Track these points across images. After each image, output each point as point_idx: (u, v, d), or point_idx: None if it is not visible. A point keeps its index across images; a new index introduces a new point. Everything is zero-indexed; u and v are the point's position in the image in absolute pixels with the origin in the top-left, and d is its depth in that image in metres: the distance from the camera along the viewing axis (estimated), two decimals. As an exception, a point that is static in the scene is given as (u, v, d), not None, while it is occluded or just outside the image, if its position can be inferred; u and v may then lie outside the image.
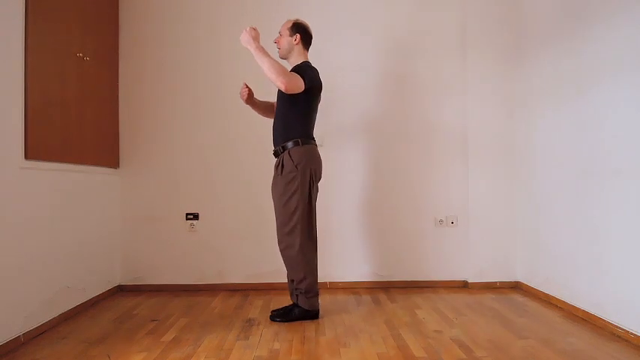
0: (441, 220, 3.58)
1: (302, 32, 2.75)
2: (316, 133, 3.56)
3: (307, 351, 2.21)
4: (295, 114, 2.67)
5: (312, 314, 2.69)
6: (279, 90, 2.70)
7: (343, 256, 3.56)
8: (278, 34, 2.80)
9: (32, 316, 2.42)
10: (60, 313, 2.68)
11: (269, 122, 3.55)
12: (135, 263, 3.53)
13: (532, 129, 3.27)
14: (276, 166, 2.72)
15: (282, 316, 2.68)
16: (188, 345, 2.29)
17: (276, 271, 3.53)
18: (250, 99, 2.89)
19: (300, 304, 2.67)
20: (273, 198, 2.74)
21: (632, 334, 2.28)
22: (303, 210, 2.63)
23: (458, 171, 3.59)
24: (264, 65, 2.51)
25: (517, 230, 3.48)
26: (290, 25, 2.75)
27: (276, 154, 2.74)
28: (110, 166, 3.39)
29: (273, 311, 2.75)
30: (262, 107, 2.97)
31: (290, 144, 2.65)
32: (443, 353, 2.15)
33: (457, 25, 3.61)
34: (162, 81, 3.58)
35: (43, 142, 2.53)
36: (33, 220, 2.45)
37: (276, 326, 2.59)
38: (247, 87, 2.88)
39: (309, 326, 2.59)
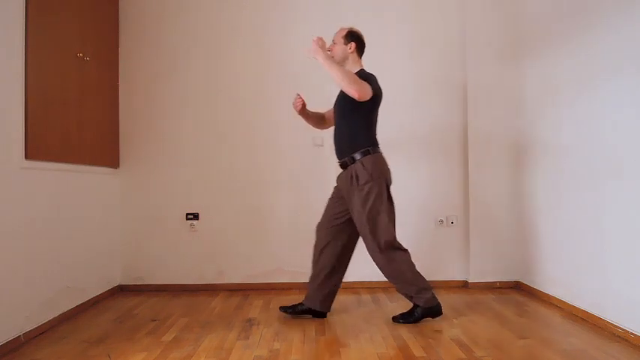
0: (441, 220, 3.58)
1: (357, 40, 2.69)
2: (315, 133, 3.58)
3: (307, 351, 2.21)
4: (361, 123, 2.62)
5: (434, 310, 2.62)
6: (338, 100, 2.70)
7: (343, 256, 3.55)
8: (332, 42, 2.73)
9: (33, 316, 2.42)
10: (60, 313, 2.68)
11: (268, 123, 3.58)
12: (135, 263, 3.53)
13: (532, 129, 3.27)
14: (349, 178, 2.61)
15: (404, 317, 2.64)
16: (188, 345, 2.29)
17: (276, 271, 3.54)
18: (303, 110, 2.85)
19: (420, 304, 2.62)
20: (351, 211, 2.64)
21: (632, 334, 2.28)
22: (388, 217, 2.58)
23: (458, 171, 3.59)
24: (336, 74, 2.45)
25: (517, 230, 3.48)
26: (345, 33, 2.69)
27: (344, 165, 2.67)
28: (110, 166, 3.39)
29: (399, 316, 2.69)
30: (314, 118, 2.92)
31: (359, 154, 2.59)
32: (443, 353, 2.15)
33: (457, 26, 3.61)
34: (163, 81, 3.58)
35: (44, 142, 2.53)
36: (33, 220, 2.45)
37: (277, 326, 2.59)
38: (301, 98, 2.82)
39: (309, 326, 2.59)
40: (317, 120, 2.94)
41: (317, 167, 3.58)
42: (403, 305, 2.99)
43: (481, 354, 2.14)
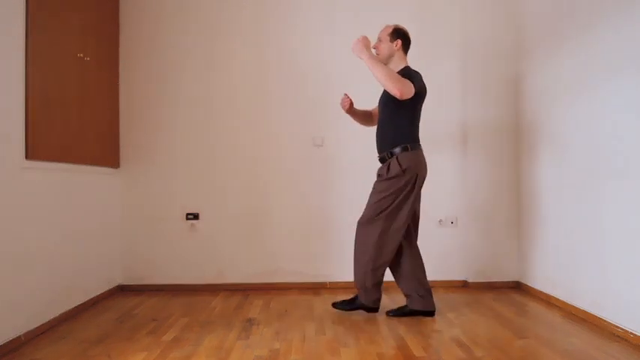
0: (440, 220, 3.58)
1: (402, 38, 2.73)
2: (316, 132, 3.59)
3: (307, 350, 2.21)
4: (403, 119, 2.67)
5: (369, 308, 2.76)
6: (382, 97, 2.73)
7: (343, 256, 3.55)
8: (377, 40, 2.76)
9: (33, 315, 2.43)
10: (60, 312, 2.68)
11: (268, 123, 3.59)
12: (135, 263, 3.53)
13: (532, 130, 3.27)
14: (382, 169, 2.71)
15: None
16: (188, 344, 2.29)
17: (276, 271, 3.54)
18: (351, 108, 2.89)
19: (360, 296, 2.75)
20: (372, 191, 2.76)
21: (631, 334, 2.28)
22: (398, 212, 2.63)
23: (457, 171, 3.59)
24: (379, 73, 2.51)
25: (517, 230, 3.48)
26: (390, 30, 2.73)
27: (382, 160, 2.73)
28: (110, 166, 3.39)
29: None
30: (361, 116, 2.97)
31: (398, 149, 2.64)
32: (443, 353, 2.16)
33: (457, 26, 3.61)
34: (163, 81, 3.58)
35: (44, 142, 2.53)
36: (33, 220, 2.45)
37: (277, 325, 2.59)
38: (348, 97, 2.86)
39: (309, 326, 2.59)
40: (364, 117, 2.98)
41: (317, 167, 3.58)
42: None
43: (481, 354, 2.14)
